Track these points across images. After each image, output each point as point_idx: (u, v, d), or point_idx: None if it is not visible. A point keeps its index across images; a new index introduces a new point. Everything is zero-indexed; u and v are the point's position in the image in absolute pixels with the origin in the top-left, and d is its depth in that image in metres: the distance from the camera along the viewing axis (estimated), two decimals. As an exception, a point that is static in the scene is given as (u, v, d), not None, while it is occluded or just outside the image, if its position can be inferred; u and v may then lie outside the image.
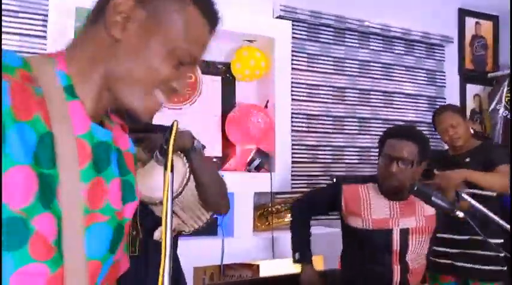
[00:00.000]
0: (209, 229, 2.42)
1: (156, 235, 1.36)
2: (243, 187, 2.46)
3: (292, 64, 2.77)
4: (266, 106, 2.64)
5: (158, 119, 2.32)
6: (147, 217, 1.36)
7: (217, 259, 2.37)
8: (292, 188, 2.75)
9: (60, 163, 0.61)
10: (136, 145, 1.30)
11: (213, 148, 2.62)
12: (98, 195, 0.68)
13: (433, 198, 1.61)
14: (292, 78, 2.75)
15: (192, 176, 1.35)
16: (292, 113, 2.77)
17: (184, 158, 1.34)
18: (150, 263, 1.34)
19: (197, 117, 2.59)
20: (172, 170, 1.16)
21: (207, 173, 1.38)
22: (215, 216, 2.46)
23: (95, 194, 0.67)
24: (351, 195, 1.90)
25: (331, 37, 3.00)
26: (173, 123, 1.17)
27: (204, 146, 1.48)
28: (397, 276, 1.84)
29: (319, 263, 2.62)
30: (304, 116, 2.89)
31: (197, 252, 2.34)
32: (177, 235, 1.49)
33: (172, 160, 1.15)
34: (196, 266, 2.38)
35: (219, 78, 2.67)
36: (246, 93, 2.72)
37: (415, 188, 1.64)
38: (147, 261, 1.34)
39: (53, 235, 0.60)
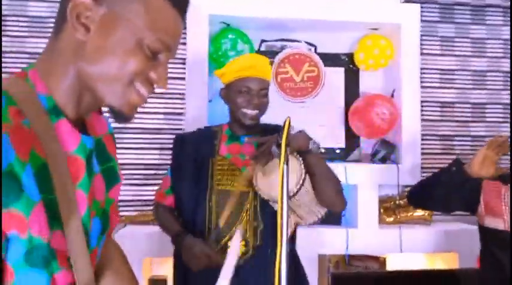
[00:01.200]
0: (333, 219, 2.47)
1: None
2: (366, 179, 2.43)
3: (421, 49, 2.61)
4: (392, 96, 2.55)
5: (281, 113, 2.44)
6: (267, 211, 1.47)
7: (341, 249, 2.39)
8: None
9: (56, 188, 0.65)
10: (257, 148, 1.43)
11: (336, 140, 2.64)
12: (91, 196, 0.73)
13: None
14: (421, 64, 2.59)
15: (307, 176, 1.41)
16: (422, 101, 2.62)
17: (300, 159, 1.40)
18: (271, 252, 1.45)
19: (320, 109, 2.64)
20: (287, 163, 1.25)
21: (322, 173, 1.42)
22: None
23: (90, 197, 0.72)
24: (491, 193, 1.74)
25: (468, 16, 2.73)
26: (286, 119, 1.26)
27: (319, 146, 1.53)
28: None
29: (453, 262, 2.45)
30: (437, 104, 2.71)
31: (321, 241, 2.41)
32: (294, 228, 1.57)
33: (287, 156, 1.24)
34: (321, 254, 2.45)
35: (342, 69, 2.67)
36: (371, 82, 2.66)
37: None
38: (267, 250, 1.45)
39: (65, 245, 0.67)
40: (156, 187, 1.69)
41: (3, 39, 2.35)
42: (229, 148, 1.56)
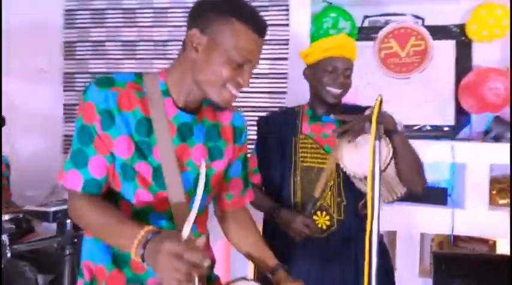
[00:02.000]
0: (438, 198, 2.42)
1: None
2: (476, 158, 2.31)
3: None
4: (511, 69, 2.35)
5: (384, 90, 2.43)
6: (349, 187, 1.53)
7: (445, 229, 2.33)
8: (544, 161, 2.39)
9: (156, 133, 1.01)
10: (343, 125, 1.48)
11: (445, 117, 2.54)
12: (183, 153, 1.05)
13: None
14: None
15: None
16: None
17: (387, 139, 1.43)
18: (355, 225, 1.52)
19: (427, 85, 2.55)
20: (379, 139, 1.30)
21: (407, 154, 1.44)
22: (444, 187, 2.43)
23: (181, 154, 1.05)
24: None
25: None
26: (378, 97, 1.31)
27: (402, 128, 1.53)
28: None
29: None
30: None
31: (425, 220, 2.38)
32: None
33: (379, 134, 1.29)
34: (424, 233, 2.42)
35: (452, 42, 2.53)
36: (485, 55, 2.47)
37: None
38: (351, 224, 1.52)
39: (150, 175, 1.01)
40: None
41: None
42: (311, 128, 1.62)
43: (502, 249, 2.38)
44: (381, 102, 1.30)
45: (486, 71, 2.32)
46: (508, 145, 2.27)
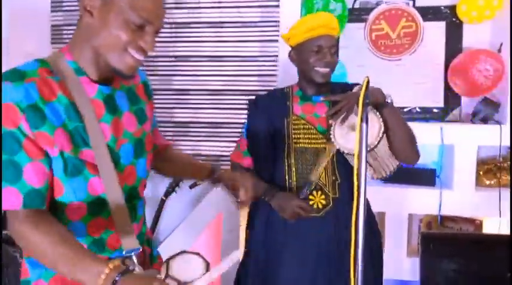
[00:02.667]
0: (426, 179, 2.45)
1: None
2: (464, 140, 2.33)
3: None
4: (499, 50, 2.35)
5: (375, 72, 2.43)
6: (344, 165, 1.55)
7: (434, 209, 2.37)
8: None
9: (84, 117, 0.95)
10: (334, 105, 1.49)
11: (435, 99, 2.54)
12: (117, 128, 1.02)
13: None
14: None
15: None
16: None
17: (378, 113, 1.44)
18: (350, 203, 1.54)
19: (418, 66, 2.54)
20: (366, 122, 1.31)
21: (398, 126, 1.45)
22: (432, 168, 2.46)
23: (116, 128, 1.02)
24: None
25: None
26: (365, 78, 1.31)
27: (392, 101, 1.54)
28: None
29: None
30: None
31: (413, 201, 2.41)
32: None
33: (366, 113, 1.30)
34: (412, 213, 2.46)
35: (443, 24, 2.52)
36: (476, 36, 2.47)
37: None
38: (347, 202, 1.54)
39: (93, 159, 0.96)
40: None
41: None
42: (302, 108, 1.63)
43: (488, 228, 2.43)
44: (367, 83, 1.30)
45: (475, 53, 2.32)
46: (497, 126, 2.29)
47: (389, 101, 1.44)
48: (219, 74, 2.66)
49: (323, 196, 1.56)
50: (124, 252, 1.00)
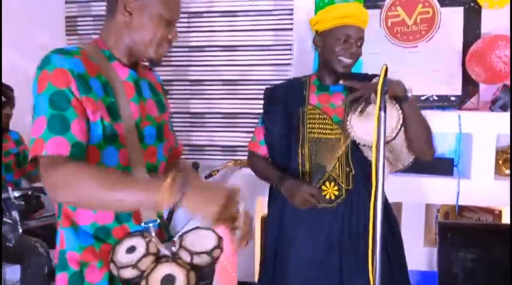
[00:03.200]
0: (444, 169, 2.41)
1: None
2: (483, 128, 2.28)
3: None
4: (520, 36, 2.29)
5: (391, 59, 2.40)
6: (358, 156, 1.53)
7: (451, 199, 2.34)
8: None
9: (116, 95, 1.06)
10: (351, 93, 1.47)
11: (452, 87, 2.49)
12: (143, 110, 1.13)
13: None
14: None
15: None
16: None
17: (397, 105, 1.42)
18: (363, 194, 1.54)
19: (435, 53, 2.49)
20: (385, 111, 1.29)
21: (416, 121, 1.42)
22: (450, 157, 2.42)
23: (142, 110, 1.12)
24: None
25: None
26: (383, 66, 1.29)
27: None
28: None
29: None
30: None
31: (430, 190, 2.38)
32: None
33: (385, 103, 1.28)
34: (429, 203, 2.43)
35: (461, 9, 2.46)
36: (495, 22, 2.40)
37: None
38: (360, 193, 1.53)
39: (123, 133, 1.05)
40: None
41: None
42: (318, 98, 1.61)
43: (508, 218, 2.39)
44: (386, 71, 1.28)
45: (494, 39, 2.26)
46: (516, 114, 2.24)
47: (409, 95, 1.42)
48: (234, 64, 2.65)
49: (336, 187, 1.55)
50: (143, 224, 1.04)
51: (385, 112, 1.26)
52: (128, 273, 0.95)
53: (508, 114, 2.27)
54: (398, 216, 2.51)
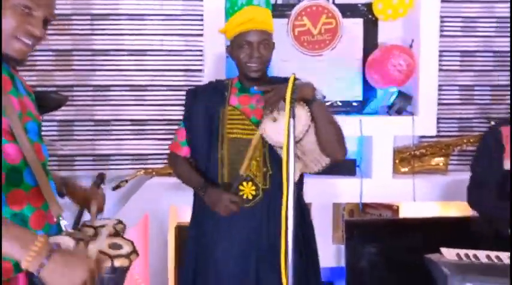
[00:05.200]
0: (348, 169, 2.57)
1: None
2: (381, 130, 2.48)
3: (442, -3, 2.55)
4: (411, 46, 2.52)
5: (298, 67, 2.48)
6: (275, 157, 1.57)
7: (355, 198, 2.50)
8: (440, 131, 2.64)
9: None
10: (264, 96, 1.51)
11: (354, 93, 2.67)
12: (22, 104, 1.07)
13: None
14: (442, 11, 2.54)
15: (312, 124, 1.49)
16: (442, 51, 2.59)
17: (307, 107, 1.48)
18: (280, 194, 1.57)
19: (338, 61, 2.64)
20: (293, 117, 1.34)
21: (325, 121, 1.50)
22: (353, 158, 2.58)
23: (21, 104, 1.07)
24: (509, 137, 1.78)
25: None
26: (291, 76, 1.33)
27: (324, 97, 1.59)
28: None
29: (468, 211, 2.52)
30: (457, 53, 2.66)
31: (336, 190, 2.52)
32: (300, 175, 1.67)
33: (293, 108, 1.33)
34: (335, 202, 2.57)
35: (360, 20, 2.64)
36: (390, 33, 2.62)
37: None
38: (277, 193, 1.57)
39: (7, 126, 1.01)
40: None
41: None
42: (239, 99, 1.65)
43: (405, 213, 2.61)
44: (294, 80, 1.33)
45: (390, 48, 2.46)
46: (410, 117, 2.47)
47: (318, 96, 1.48)
48: (142, 69, 2.56)
49: (253, 187, 1.59)
50: (55, 219, 1.06)
51: (293, 117, 1.32)
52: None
53: (402, 117, 2.49)
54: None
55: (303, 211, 1.68)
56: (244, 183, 1.58)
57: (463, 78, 2.68)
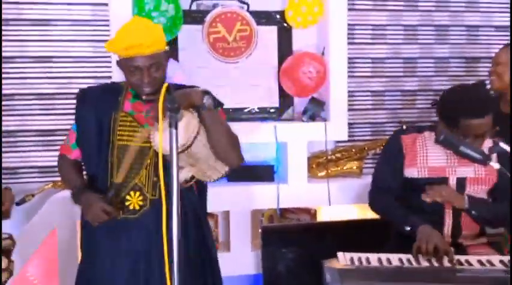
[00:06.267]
0: (266, 176, 2.58)
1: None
2: (295, 136, 2.51)
3: (353, 4, 2.64)
4: (323, 53, 2.58)
5: (213, 74, 2.46)
6: (166, 166, 1.54)
7: (274, 203, 2.51)
8: (354, 136, 2.72)
9: None
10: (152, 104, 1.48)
11: (270, 100, 2.69)
12: None
13: (461, 148, 1.49)
14: (351, 20, 2.63)
15: (204, 132, 1.47)
16: (354, 57, 2.68)
17: (196, 114, 1.46)
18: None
19: (254, 69, 2.66)
20: (175, 126, 1.29)
21: (216, 128, 1.48)
22: (271, 164, 2.59)
23: None
24: (409, 145, 1.84)
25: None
26: (163, 86, 1.29)
27: (220, 104, 1.58)
28: (449, 219, 1.78)
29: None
30: (368, 60, 2.76)
31: (254, 197, 2.52)
32: (200, 182, 1.64)
33: (175, 116, 1.29)
34: (254, 209, 2.57)
35: (275, 28, 2.67)
36: (304, 40, 2.67)
37: (441, 138, 1.53)
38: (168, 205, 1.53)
39: None
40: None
41: None
42: (133, 106, 1.60)
43: (323, 217, 2.65)
44: (166, 89, 1.30)
45: (301, 56, 2.51)
46: (323, 123, 2.52)
47: (206, 102, 1.46)
48: (49, 76, 2.45)
49: (141, 197, 1.54)
50: None
51: (175, 127, 1.29)
52: None
53: (315, 123, 2.53)
54: (226, 224, 2.59)
55: (199, 216, 1.66)
56: (132, 193, 1.53)
57: (374, 84, 2.78)
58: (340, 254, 1.68)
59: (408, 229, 1.73)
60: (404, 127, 2.10)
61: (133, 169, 1.54)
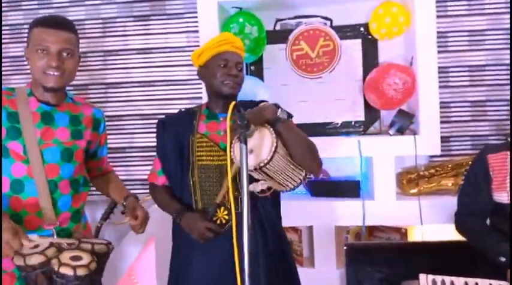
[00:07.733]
0: (351, 191, 2.51)
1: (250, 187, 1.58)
2: (381, 151, 2.41)
3: (445, 11, 2.48)
4: (411, 64, 2.46)
5: (298, 90, 2.50)
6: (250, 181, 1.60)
7: (359, 221, 2.43)
8: (451, 150, 2.52)
9: (21, 121, 1.43)
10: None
11: (355, 113, 2.63)
12: (47, 134, 1.46)
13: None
14: (443, 27, 2.47)
15: (280, 144, 1.51)
16: (447, 67, 2.51)
17: (271, 128, 1.50)
18: (252, 216, 1.59)
19: (338, 83, 2.64)
20: (245, 142, 1.36)
21: (293, 138, 1.51)
22: (357, 179, 2.52)
23: (45, 134, 1.46)
24: (498, 166, 1.67)
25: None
26: (231, 103, 1.37)
27: (290, 115, 1.61)
28: None
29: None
30: (465, 68, 2.55)
31: (338, 213, 2.47)
32: (276, 193, 1.67)
33: (245, 133, 1.36)
34: (338, 225, 2.51)
35: (359, 41, 2.63)
36: (390, 52, 2.58)
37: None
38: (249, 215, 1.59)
39: (21, 150, 1.42)
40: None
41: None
42: (207, 126, 1.69)
43: (413, 236, 2.49)
44: (233, 107, 1.37)
45: (387, 67, 2.42)
46: (411, 136, 2.38)
47: (280, 116, 1.50)
48: (151, 98, 2.73)
49: (226, 212, 1.61)
50: (45, 225, 1.42)
51: (245, 143, 1.35)
52: (34, 259, 1.27)
53: (404, 136, 2.41)
54: (310, 239, 2.57)
55: (283, 245, 1.68)
56: (217, 209, 1.62)
57: (473, 93, 2.55)
58: (422, 276, 1.57)
59: (503, 259, 1.55)
60: (508, 139, 1.88)
61: (214, 186, 1.62)
